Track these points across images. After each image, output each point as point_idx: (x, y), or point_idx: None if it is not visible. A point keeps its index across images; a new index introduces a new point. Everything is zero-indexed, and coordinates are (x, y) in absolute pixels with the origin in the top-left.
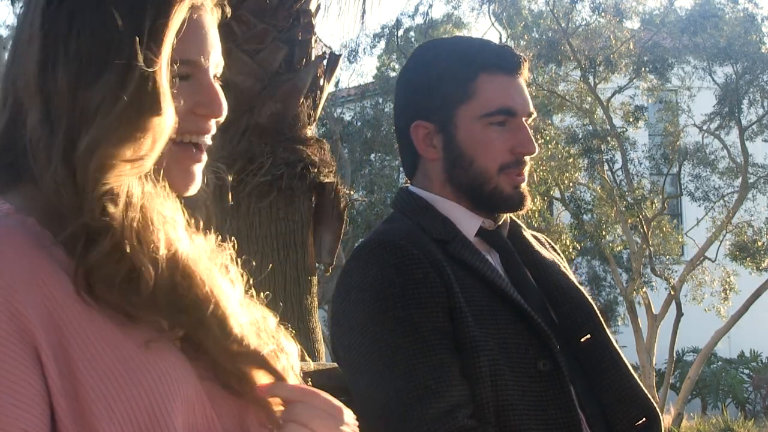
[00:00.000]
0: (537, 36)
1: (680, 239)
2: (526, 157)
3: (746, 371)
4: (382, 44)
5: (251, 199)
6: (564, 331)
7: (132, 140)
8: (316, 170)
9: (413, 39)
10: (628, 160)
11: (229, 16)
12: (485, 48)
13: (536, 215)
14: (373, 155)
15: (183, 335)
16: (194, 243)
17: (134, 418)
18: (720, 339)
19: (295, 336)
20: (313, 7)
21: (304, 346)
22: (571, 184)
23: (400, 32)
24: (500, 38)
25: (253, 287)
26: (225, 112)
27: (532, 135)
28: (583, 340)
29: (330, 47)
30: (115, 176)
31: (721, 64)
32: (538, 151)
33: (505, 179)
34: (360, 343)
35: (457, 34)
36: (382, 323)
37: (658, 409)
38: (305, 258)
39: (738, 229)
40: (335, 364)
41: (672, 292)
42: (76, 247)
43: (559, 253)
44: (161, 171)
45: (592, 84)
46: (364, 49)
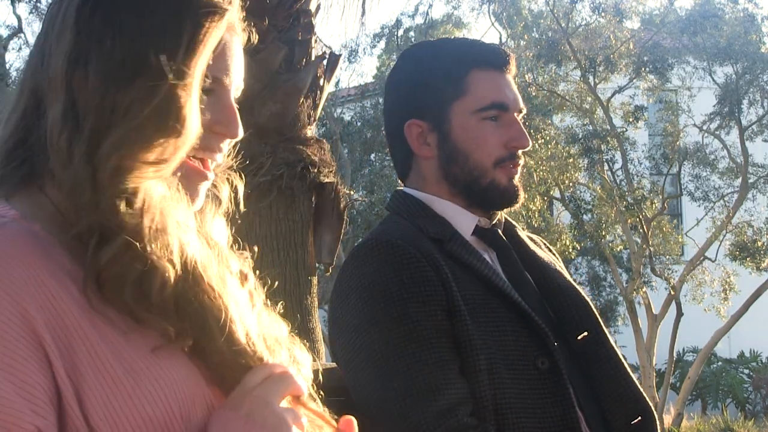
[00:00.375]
0: (537, 36)
1: (680, 239)
2: (520, 151)
3: (746, 371)
4: (382, 44)
5: (251, 199)
6: (561, 329)
7: (155, 144)
8: (316, 170)
9: (413, 39)
10: (628, 160)
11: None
12: (474, 45)
13: (536, 215)
14: (373, 155)
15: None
16: (205, 248)
17: (143, 427)
18: (720, 339)
19: (295, 336)
20: (313, 7)
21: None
22: (571, 184)
23: (400, 32)
24: (500, 38)
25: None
26: (241, 134)
27: (524, 129)
28: (580, 337)
29: (330, 47)
30: (135, 177)
31: (721, 64)
32: (531, 145)
33: (501, 172)
34: (359, 343)
35: (457, 33)
36: (381, 322)
37: (653, 408)
38: (305, 258)
39: (738, 229)
40: (335, 364)
41: (672, 292)
42: (85, 250)
43: (554, 254)
44: (177, 177)
45: (592, 84)
46: (364, 49)
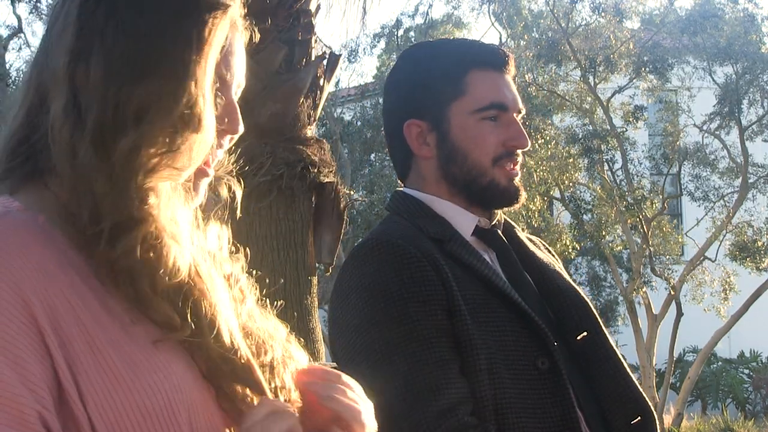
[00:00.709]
0: (537, 36)
1: (680, 239)
2: (518, 150)
3: (746, 371)
4: (382, 44)
5: (251, 199)
6: (561, 329)
7: (174, 152)
8: (316, 170)
9: (413, 39)
10: (628, 160)
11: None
12: (473, 46)
13: (536, 215)
14: (373, 155)
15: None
16: (200, 247)
17: (141, 419)
18: (720, 339)
19: (295, 336)
20: (313, 7)
21: (304, 346)
22: (571, 184)
23: (400, 32)
24: (500, 38)
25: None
26: (242, 130)
27: (523, 130)
28: (579, 338)
29: (330, 47)
30: (156, 178)
31: (721, 64)
32: (530, 145)
33: (500, 172)
34: (359, 343)
35: (457, 34)
36: (381, 322)
37: (652, 408)
38: (305, 258)
39: (738, 229)
40: (335, 364)
41: (672, 292)
42: (91, 241)
43: (554, 255)
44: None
45: (592, 84)
46: (364, 49)
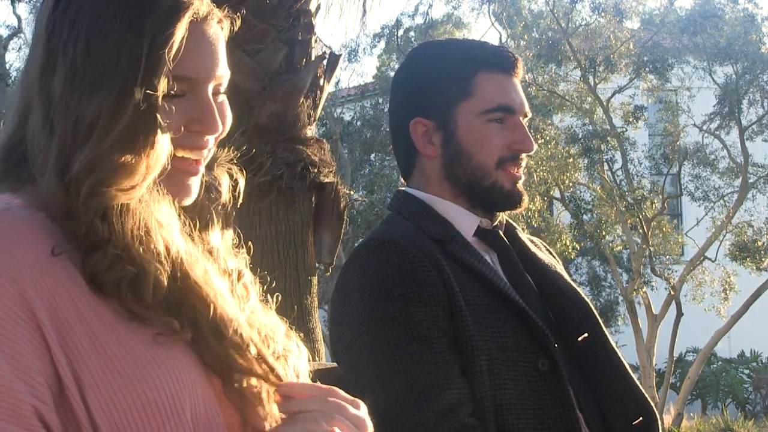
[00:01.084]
0: (537, 36)
1: (680, 239)
2: (523, 154)
3: (746, 371)
4: (382, 44)
5: (251, 199)
6: (562, 330)
7: (125, 167)
8: (316, 170)
9: (413, 39)
10: (628, 160)
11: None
12: (482, 48)
13: (536, 215)
14: (373, 155)
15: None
16: (190, 246)
17: (143, 410)
18: (720, 339)
19: (300, 336)
20: (313, 7)
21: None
22: (571, 184)
23: (400, 32)
24: (500, 38)
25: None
26: (222, 128)
27: (529, 133)
28: (580, 339)
29: (330, 47)
30: (106, 201)
31: (721, 64)
32: (536, 149)
33: (504, 175)
34: (360, 343)
35: (457, 34)
36: (382, 322)
37: (655, 409)
38: (305, 258)
39: (738, 229)
40: (335, 364)
41: (672, 292)
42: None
43: (554, 256)
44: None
45: (592, 84)
46: (364, 49)
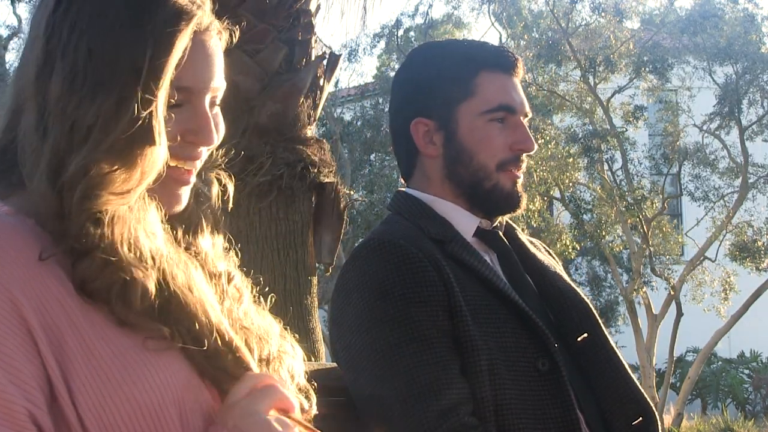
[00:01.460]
0: (537, 36)
1: (680, 239)
2: (524, 154)
3: (746, 371)
4: (382, 44)
5: (251, 199)
6: (561, 331)
7: (120, 172)
8: (316, 170)
9: (413, 39)
10: (628, 160)
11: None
12: (483, 48)
13: (536, 215)
14: (373, 155)
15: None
16: (174, 252)
17: (132, 414)
18: (720, 339)
19: (295, 336)
20: (313, 7)
21: (304, 346)
22: (571, 184)
23: (400, 32)
24: (500, 38)
25: (253, 286)
26: (216, 140)
27: (530, 133)
28: (580, 339)
29: (330, 47)
30: (100, 205)
31: (721, 64)
32: (536, 149)
33: (505, 176)
34: (360, 343)
35: (457, 34)
36: (382, 322)
37: (654, 409)
38: (305, 258)
39: (738, 229)
40: (335, 364)
41: (672, 292)
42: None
43: (554, 257)
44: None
45: (592, 84)
46: (364, 49)
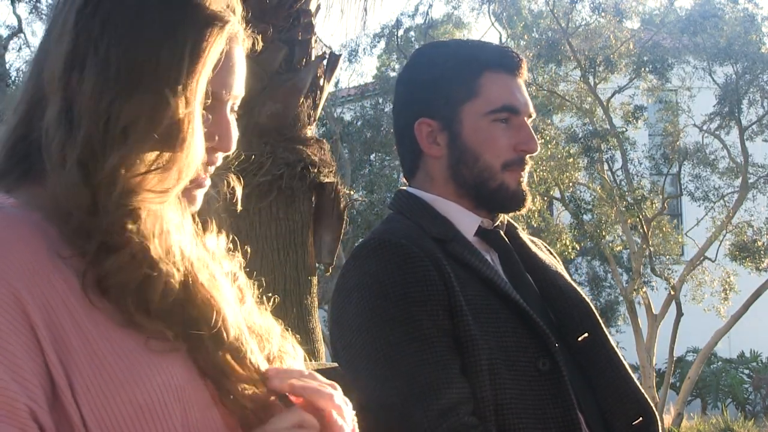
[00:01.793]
0: (537, 36)
1: (680, 239)
2: (528, 156)
3: (746, 371)
4: (382, 44)
5: (251, 199)
6: (562, 330)
7: (159, 171)
8: (316, 170)
9: (413, 39)
10: (628, 160)
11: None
12: (487, 48)
13: (536, 215)
14: (373, 155)
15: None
16: (201, 250)
17: (134, 415)
18: (720, 339)
19: (294, 336)
20: (313, 7)
21: (304, 347)
22: (571, 184)
23: (400, 32)
24: (500, 38)
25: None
26: (233, 148)
27: (534, 134)
28: (580, 339)
29: (330, 47)
30: (138, 202)
31: (721, 64)
32: (539, 150)
33: (509, 176)
34: (360, 342)
35: (457, 34)
36: (383, 322)
37: (654, 409)
38: (305, 258)
39: (738, 229)
40: (335, 364)
41: (672, 292)
42: (84, 244)
43: (555, 256)
44: None
45: (592, 84)
46: (364, 49)
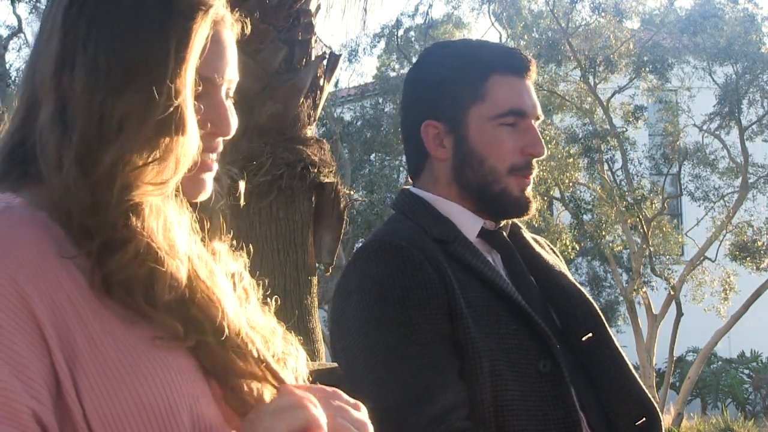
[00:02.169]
0: (537, 36)
1: (680, 239)
2: (534, 159)
3: (746, 371)
4: (382, 44)
5: (251, 199)
6: (565, 330)
7: (157, 162)
8: (316, 170)
9: (413, 39)
10: (628, 160)
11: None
12: (495, 50)
13: (536, 215)
14: (373, 155)
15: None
16: (198, 246)
17: (137, 413)
18: (720, 339)
19: (295, 336)
20: (313, 7)
21: (304, 347)
22: (571, 184)
23: (400, 32)
24: (500, 38)
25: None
26: (233, 131)
27: (540, 137)
28: (584, 339)
29: (330, 47)
30: (138, 195)
31: (721, 64)
32: (546, 153)
33: (514, 181)
34: (359, 345)
35: (457, 34)
36: (381, 325)
37: (658, 409)
38: (305, 258)
39: (738, 229)
40: (335, 364)
41: (672, 292)
42: (89, 246)
43: (558, 255)
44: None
45: (592, 84)
46: (364, 49)
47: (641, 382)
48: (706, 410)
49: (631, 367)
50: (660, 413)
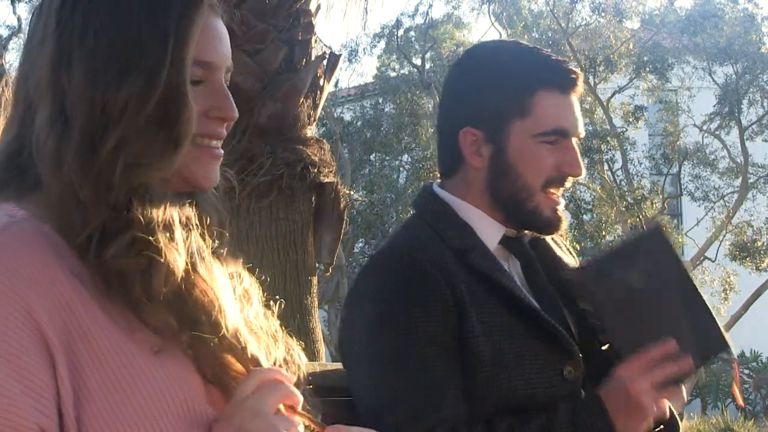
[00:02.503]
0: (537, 36)
1: (680, 239)
2: (571, 178)
3: (746, 371)
4: (382, 44)
5: (251, 199)
6: (582, 339)
7: (156, 143)
8: (316, 170)
9: (413, 39)
10: (628, 160)
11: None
12: (544, 61)
13: None
14: (373, 155)
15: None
16: (197, 240)
17: (137, 421)
18: None
19: (294, 336)
20: (313, 7)
21: (304, 346)
22: (571, 184)
23: (400, 32)
24: (500, 38)
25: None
26: (236, 115)
27: (580, 157)
28: (604, 348)
29: (330, 47)
30: (140, 176)
31: (721, 64)
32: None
33: (546, 200)
34: (362, 352)
35: (457, 34)
36: (385, 336)
37: (677, 418)
38: (305, 258)
39: (738, 229)
40: (335, 365)
41: None
42: (90, 247)
43: (574, 256)
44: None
45: (592, 84)
46: (364, 49)
47: None
48: (706, 410)
49: None
50: (679, 421)
